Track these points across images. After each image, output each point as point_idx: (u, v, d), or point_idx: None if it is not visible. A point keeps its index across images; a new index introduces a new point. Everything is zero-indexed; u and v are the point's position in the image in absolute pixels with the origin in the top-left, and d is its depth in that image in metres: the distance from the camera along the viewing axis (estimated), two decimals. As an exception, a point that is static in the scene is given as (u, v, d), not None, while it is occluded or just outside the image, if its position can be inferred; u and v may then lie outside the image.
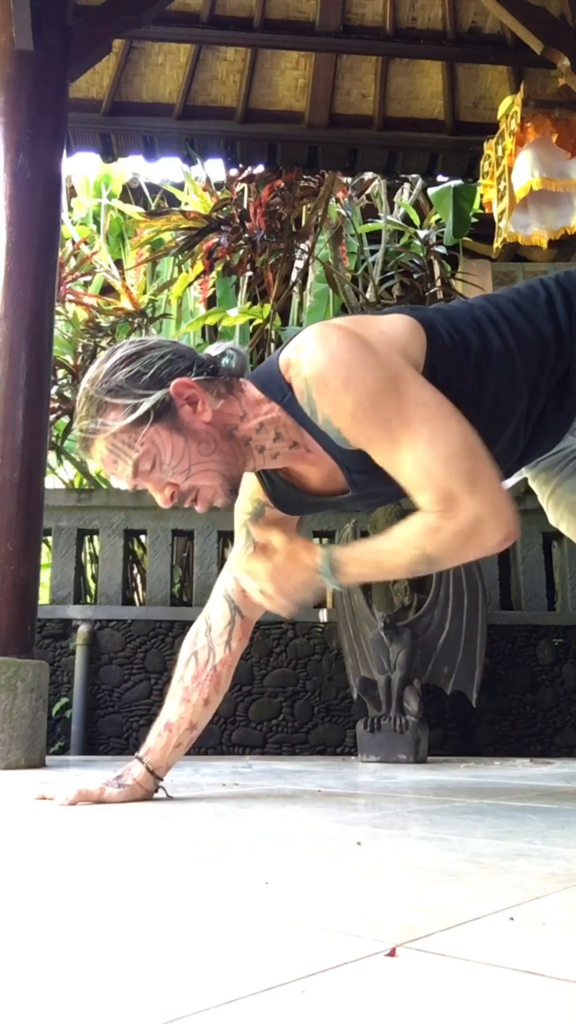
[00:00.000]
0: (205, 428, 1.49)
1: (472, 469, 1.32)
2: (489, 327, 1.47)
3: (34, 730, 2.93)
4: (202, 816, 1.52)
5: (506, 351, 1.45)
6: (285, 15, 4.62)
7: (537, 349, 1.47)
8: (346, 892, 0.89)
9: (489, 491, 1.33)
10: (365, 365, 1.34)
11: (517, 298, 1.53)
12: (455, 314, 1.50)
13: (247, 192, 5.71)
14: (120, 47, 4.59)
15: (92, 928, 0.75)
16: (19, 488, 3.11)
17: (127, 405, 1.45)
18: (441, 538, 1.36)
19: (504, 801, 1.87)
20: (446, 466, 1.32)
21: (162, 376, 1.48)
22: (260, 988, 0.57)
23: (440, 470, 1.32)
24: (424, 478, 1.34)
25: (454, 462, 1.32)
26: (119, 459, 1.48)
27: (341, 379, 1.34)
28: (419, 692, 3.68)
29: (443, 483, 1.32)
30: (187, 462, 1.48)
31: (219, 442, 1.50)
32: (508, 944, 0.69)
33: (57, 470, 5.88)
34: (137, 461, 1.46)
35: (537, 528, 4.76)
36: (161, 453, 1.47)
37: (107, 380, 1.48)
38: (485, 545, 1.36)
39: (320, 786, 2.23)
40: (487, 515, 1.32)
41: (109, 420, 1.46)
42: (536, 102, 4.00)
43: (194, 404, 1.48)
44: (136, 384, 1.46)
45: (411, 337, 1.42)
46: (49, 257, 3.38)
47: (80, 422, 1.49)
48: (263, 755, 4.18)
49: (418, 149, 5.06)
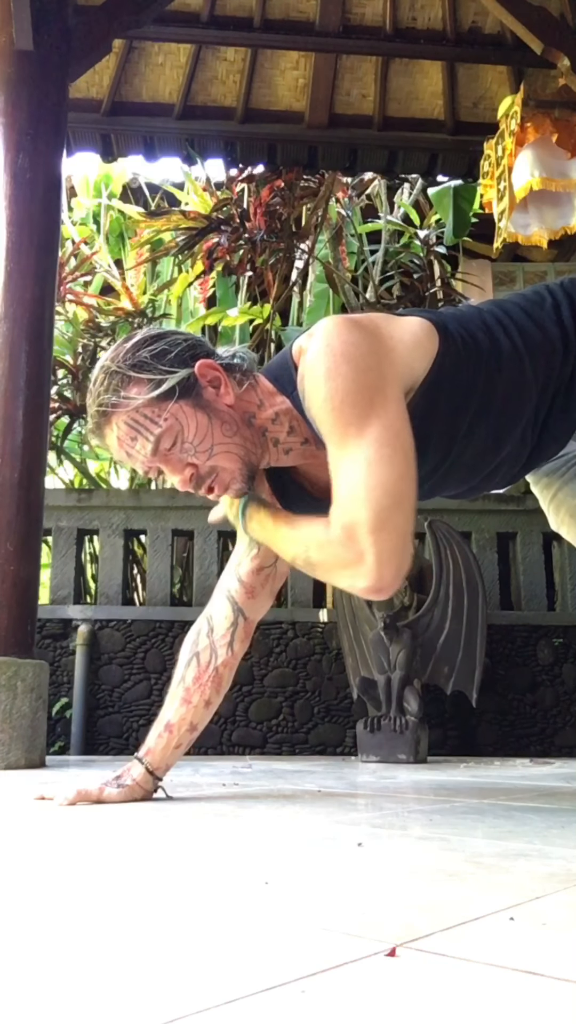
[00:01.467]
0: (227, 410, 1.48)
1: (388, 510, 1.28)
2: (498, 330, 1.46)
3: (34, 730, 2.93)
4: (202, 816, 1.52)
5: (515, 354, 1.44)
6: (285, 15, 4.62)
7: (545, 353, 1.46)
8: (346, 892, 0.89)
9: (390, 541, 1.28)
10: (353, 362, 1.33)
11: (524, 303, 1.53)
12: (465, 317, 1.49)
13: (247, 192, 5.71)
14: (120, 47, 4.59)
15: (92, 928, 0.75)
16: (19, 488, 3.11)
17: (152, 380, 1.44)
18: (324, 553, 1.35)
19: (504, 801, 1.87)
20: (369, 494, 1.28)
21: (186, 356, 1.48)
22: (260, 988, 0.57)
23: (361, 494, 1.28)
24: (345, 493, 1.31)
25: (378, 494, 1.28)
26: (139, 435, 1.45)
27: (326, 368, 1.33)
28: (419, 692, 3.68)
29: (356, 508, 1.29)
30: (210, 440, 1.46)
31: (240, 426, 1.49)
32: (508, 944, 0.69)
33: (57, 470, 5.88)
34: (160, 437, 1.44)
35: (537, 528, 4.76)
36: (184, 430, 1.45)
37: (131, 356, 1.46)
38: (354, 585, 1.33)
39: (320, 786, 2.23)
40: (372, 561, 1.28)
41: (132, 394, 1.44)
42: (536, 102, 4.00)
43: (217, 386, 1.48)
44: (161, 361, 1.46)
45: (420, 343, 1.40)
46: (49, 257, 3.38)
47: (99, 397, 1.46)
48: (263, 755, 4.18)
49: (418, 149, 5.06)
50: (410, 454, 1.32)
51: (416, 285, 5.85)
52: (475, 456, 1.52)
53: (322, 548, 1.35)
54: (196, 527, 4.65)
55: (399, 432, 1.31)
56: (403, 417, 1.33)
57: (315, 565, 1.39)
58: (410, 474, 1.31)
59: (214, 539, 4.68)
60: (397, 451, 1.30)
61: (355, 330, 1.36)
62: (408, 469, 1.31)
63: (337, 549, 1.32)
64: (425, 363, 1.40)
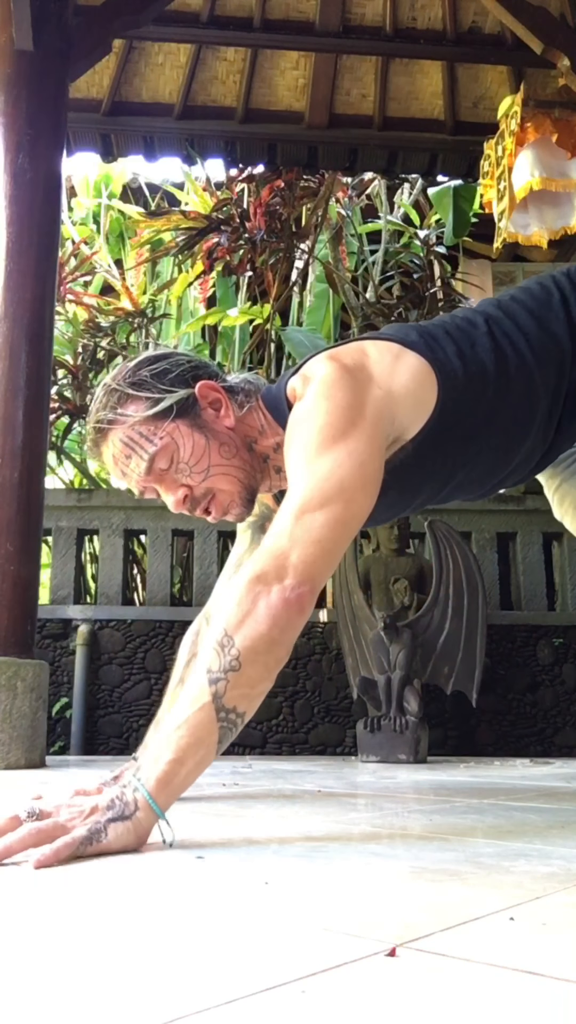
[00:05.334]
0: (227, 432, 1.46)
1: (321, 528, 1.21)
2: (506, 345, 1.43)
3: (34, 730, 2.93)
4: (202, 816, 1.52)
5: (523, 368, 1.42)
6: (285, 15, 4.63)
7: (555, 360, 1.44)
8: (346, 892, 0.89)
9: (316, 547, 1.21)
10: (334, 401, 1.30)
11: (532, 304, 1.49)
12: (472, 340, 1.43)
13: (247, 192, 5.71)
14: (120, 47, 4.59)
15: (92, 928, 0.75)
16: (19, 488, 3.11)
17: (150, 398, 1.42)
18: (246, 615, 1.17)
19: (504, 801, 1.87)
20: (304, 510, 1.22)
21: (187, 377, 1.46)
22: (260, 988, 0.57)
23: (293, 514, 1.23)
24: (278, 523, 1.24)
25: (316, 511, 1.22)
26: (134, 453, 1.41)
27: (306, 415, 1.32)
28: (419, 692, 3.68)
29: (288, 520, 1.23)
30: (207, 462, 1.43)
31: (240, 449, 1.47)
32: (508, 944, 0.69)
33: (57, 470, 5.88)
34: (154, 456, 1.40)
35: (537, 528, 4.76)
36: (180, 450, 1.42)
37: (132, 375, 1.45)
38: (278, 598, 1.18)
39: (320, 786, 2.23)
40: (297, 558, 1.20)
41: (129, 411, 1.41)
42: (536, 102, 4.00)
43: (217, 408, 1.46)
44: (161, 380, 1.44)
45: (418, 397, 1.37)
46: (49, 257, 3.38)
47: (96, 414, 1.44)
48: (263, 755, 4.18)
49: (418, 149, 5.07)
50: (369, 486, 1.28)
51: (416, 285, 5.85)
52: (484, 473, 1.51)
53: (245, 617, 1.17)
54: (196, 527, 4.65)
55: (363, 461, 1.27)
56: (373, 452, 1.29)
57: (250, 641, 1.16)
58: (360, 505, 1.27)
59: (214, 539, 4.69)
60: (355, 476, 1.25)
61: (347, 378, 1.33)
62: (360, 501, 1.27)
63: (262, 573, 1.19)
64: (421, 417, 1.37)
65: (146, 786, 1.10)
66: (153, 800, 1.10)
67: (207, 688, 1.14)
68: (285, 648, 1.21)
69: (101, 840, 1.06)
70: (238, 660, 1.14)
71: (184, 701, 1.15)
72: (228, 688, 1.13)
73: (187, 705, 1.14)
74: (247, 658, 1.15)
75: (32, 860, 1.00)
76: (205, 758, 1.15)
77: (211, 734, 1.13)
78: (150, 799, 1.10)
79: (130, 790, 1.11)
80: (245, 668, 1.14)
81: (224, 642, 1.16)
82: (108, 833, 1.07)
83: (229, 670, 1.14)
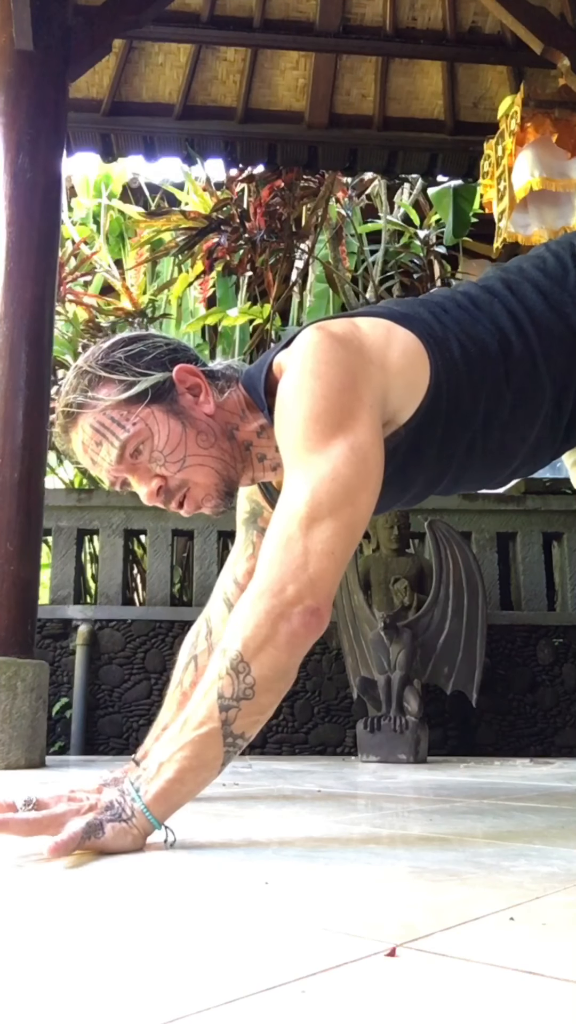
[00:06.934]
0: (206, 420, 1.37)
1: (331, 536, 1.14)
2: (511, 329, 1.32)
3: (34, 730, 2.93)
4: (202, 816, 1.52)
5: (528, 356, 1.32)
6: (285, 15, 4.63)
7: (566, 345, 1.34)
8: (346, 892, 0.89)
9: (326, 560, 1.14)
10: (326, 380, 1.22)
11: (544, 283, 1.37)
12: (475, 319, 1.34)
13: (247, 192, 5.71)
14: (120, 47, 4.59)
15: (92, 927, 0.75)
16: (19, 488, 3.11)
17: (124, 381, 1.32)
18: (256, 623, 1.11)
19: (504, 801, 1.87)
20: (312, 509, 1.15)
21: (164, 360, 1.37)
22: (260, 988, 0.57)
23: (302, 510, 1.15)
24: (283, 509, 1.18)
25: (323, 512, 1.15)
26: (104, 439, 1.32)
27: (296, 387, 1.23)
28: (419, 692, 3.68)
29: (292, 522, 1.15)
30: (182, 451, 1.34)
31: (219, 438, 1.37)
32: (508, 944, 0.69)
33: (57, 470, 5.88)
34: (125, 442, 1.31)
35: (537, 528, 4.76)
36: (154, 437, 1.32)
37: (105, 356, 1.35)
38: (294, 613, 1.12)
39: (320, 786, 2.23)
40: (312, 569, 1.13)
41: (101, 394, 1.32)
42: (536, 102, 4.00)
43: (196, 394, 1.37)
44: (136, 363, 1.34)
45: (411, 374, 1.28)
46: (49, 257, 3.38)
47: (65, 397, 1.34)
48: (263, 755, 4.18)
49: (418, 149, 5.07)
50: (372, 484, 1.20)
51: (416, 285, 5.85)
52: (486, 466, 1.43)
53: (251, 625, 1.12)
54: (196, 527, 4.65)
55: (366, 456, 1.19)
56: (374, 442, 1.21)
57: (259, 650, 1.11)
58: (366, 505, 1.19)
59: (214, 539, 4.68)
60: (360, 474, 1.18)
61: (337, 348, 1.25)
62: (366, 501, 1.19)
63: (270, 584, 1.12)
64: (414, 399, 1.28)
65: (144, 799, 1.09)
66: (150, 812, 1.09)
67: (217, 714, 1.10)
68: (295, 670, 1.17)
69: (99, 837, 1.05)
70: (253, 689, 1.10)
71: (192, 720, 1.11)
72: (239, 716, 1.10)
73: (195, 725, 1.11)
74: (262, 687, 1.11)
75: (46, 847, 1.00)
76: (207, 779, 1.14)
77: (216, 758, 1.11)
78: (147, 812, 1.09)
79: (128, 799, 1.10)
80: (259, 696, 1.11)
81: (240, 668, 1.10)
82: (105, 831, 1.06)
83: (243, 699, 1.10)
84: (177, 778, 1.10)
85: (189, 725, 1.11)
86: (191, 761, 1.10)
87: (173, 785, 1.10)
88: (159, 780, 1.10)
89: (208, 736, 1.10)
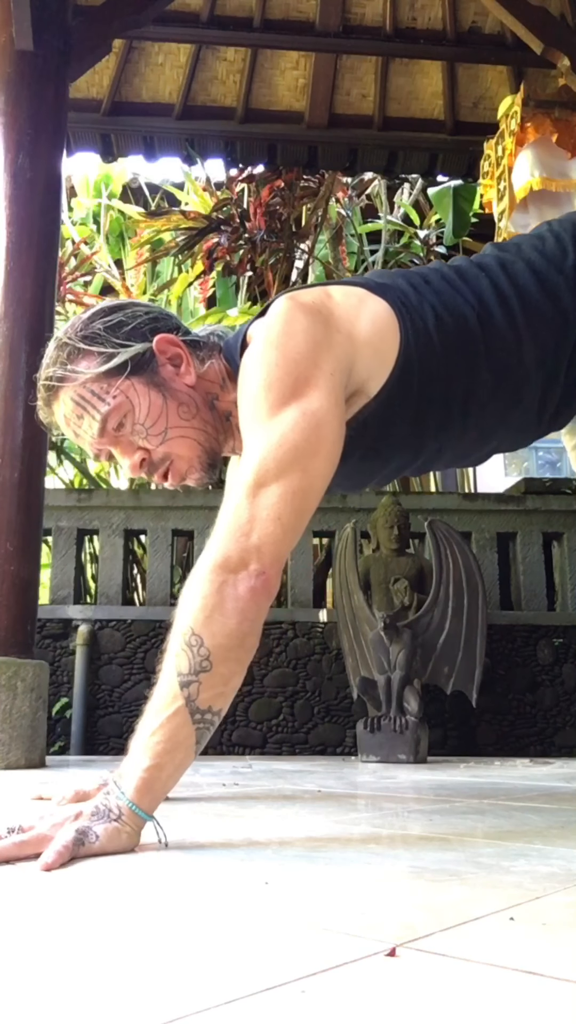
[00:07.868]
0: (187, 391, 1.35)
1: (276, 503, 1.14)
2: (494, 304, 1.30)
3: (34, 730, 2.93)
4: (202, 816, 1.52)
5: (512, 334, 1.30)
6: (285, 15, 4.63)
7: (554, 329, 1.32)
8: (346, 892, 0.89)
9: (273, 525, 1.14)
10: (284, 350, 1.22)
11: (540, 263, 1.35)
12: (456, 291, 1.32)
13: (247, 192, 5.72)
14: (120, 47, 4.59)
15: (91, 928, 0.75)
16: (19, 488, 3.11)
17: (103, 353, 1.30)
18: (205, 590, 1.12)
19: (504, 801, 1.87)
20: (260, 475, 1.16)
21: (144, 330, 1.34)
22: (260, 988, 0.57)
23: (250, 478, 1.16)
24: (236, 486, 1.18)
25: (272, 478, 1.15)
26: (85, 413, 1.31)
27: (257, 356, 1.23)
28: (419, 692, 3.68)
29: (240, 494, 1.16)
30: (164, 423, 1.32)
31: (201, 409, 1.36)
32: (508, 944, 0.69)
33: (57, 470, 5.88)
34: (107, 416, 1.30)
35: (537, 528, 4.76)
36: (136, 410, 1.31)
37: (84, 327, 1.33)
38: (238, 579, 1.12)
39: (320, 786, 2.23)
40: (257, 535, 1.13)
41: (80, 367, 1.30)
42: (536, 102, 4.00)
43: (177, 365, 1.35)
44: (115, 334, 1.32)
45: (380, 344, 1.27)
46: (49, 257, 3.38)
47: (46, 370, 1.32)
48: (263, 755, 4.18)
49: (418, 149, 5.07)
50: (325, 450, 1.19)
51: (416, 285, 5.84)
52: (463, 445, 1.42)
53: (201, 591, 1.13)
54: (196, 527, 4.65)
55: (319, 423, 1.18)
56: (330, 409, 1.19)
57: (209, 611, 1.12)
58: (319, 472, 1.18)
59: (214, 539, 4.68)
60: (310, 440, 1.17)
61: (301, 318, 1.24)
62: (319, 466, 1.18)
63: (224, 546, 1.13)
64: (383, 370, 1.28)
65: (127, 794, 1.09)
66: (136, 806, 1.09)
67: (179, 691, 1.09)
68: (255, 636, 1.16)
69: (92, 841, 1.04)
70: (208, 660, 1.10)
71: (157, 703, 1.11)
72: (201, 690, 1.10)
73: (160, 710, 1.10)
74: (218, 656, 1.10)
75: (39, 864, 0.98)
76: (184, 761, 1.13)
77: (188, 737, 1.11)
78: (132, 805, 1.08)
79: (112, 797, 1.10)
80: (217, 667, 1.10)
81: (192, 642, 1.10)
82: (99, 834, 1.05)
83: (201, 671, 1.10)
84: (155, 764, 1.10)
85: (155, 709, 1.11)
86: (164, 744, 1.10)
87: (152, 772, 1.10)
88: (138, 771, 1.10)
89: (175, 715, 1.10)
